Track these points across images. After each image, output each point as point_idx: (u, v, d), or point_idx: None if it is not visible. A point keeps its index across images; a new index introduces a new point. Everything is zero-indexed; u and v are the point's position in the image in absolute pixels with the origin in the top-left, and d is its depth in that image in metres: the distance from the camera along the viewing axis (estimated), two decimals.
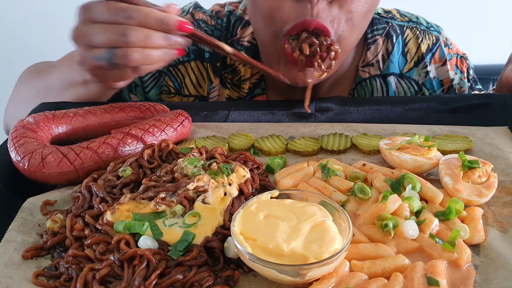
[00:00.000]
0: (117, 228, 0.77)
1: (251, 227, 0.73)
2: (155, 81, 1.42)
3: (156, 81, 1.42)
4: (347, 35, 1.13)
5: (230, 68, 1.40)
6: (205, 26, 1.40)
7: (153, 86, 1.42)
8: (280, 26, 1.10)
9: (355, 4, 1.08)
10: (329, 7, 1.07)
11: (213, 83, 1.41)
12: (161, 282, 0.70)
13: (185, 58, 1.39)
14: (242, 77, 1.39)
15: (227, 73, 1.41)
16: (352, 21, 1.10)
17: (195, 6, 1.46)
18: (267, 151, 1.03)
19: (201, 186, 0.82)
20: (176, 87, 1.42)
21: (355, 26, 1.12)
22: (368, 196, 0.84)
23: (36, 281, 0.73)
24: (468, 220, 0.79)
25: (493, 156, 0.97)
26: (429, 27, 1.42)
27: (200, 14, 1.42)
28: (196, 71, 1.41)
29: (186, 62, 1.40)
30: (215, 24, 1.41)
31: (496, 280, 0.70)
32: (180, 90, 1.42)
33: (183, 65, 1.40)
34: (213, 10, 1.45)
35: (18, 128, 1.00)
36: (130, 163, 0.91)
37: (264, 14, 1.12)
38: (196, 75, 1.41)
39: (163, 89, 1.43)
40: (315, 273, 0.68)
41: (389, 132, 1.07)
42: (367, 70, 1.38)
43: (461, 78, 1.41)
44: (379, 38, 1.38)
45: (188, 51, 1.39)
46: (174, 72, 1.41)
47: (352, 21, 1.10)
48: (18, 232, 0.82)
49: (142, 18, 0.95)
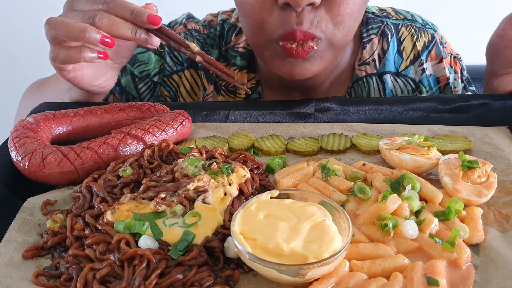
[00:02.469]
0: (117, 228, 0.77)
1: (251, 227, 0.73)
2: (151, 92, 1.45)
3: (152, 92, 1.45)
4: (338, 36, 1.13)
5: None
6: (198, 35, 1.42)
7: (149, 97, 1.45)
8: (270, 34, 1.12)
9: (343, 7, 1.08)
10: (315, 11, 1.07)
11: (207, 90, 1.42)
12: (161, 282, 0.70)
13: (178, 68, 1.41)
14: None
15: (221, 80, 1.41)
16: (343, 24, 1.11)
17: (188, 17, 1.49)
18: (267, 151, 1.03)
19: (201, 186, 0.82)
20: (171, 96, 1.45)
21: (346, 28, 1.13)
22: (368, 196, 0.84)
23: (36, 281, 0.73)
24: (467, 220, 0.80)
25: (492, 156, 0.97)
26: (424, 24, 1.42)
27: (192, 24, 1.44)
28: (190, 79, 1.43)
29: (180, 71, 1.42)
30: (207, 33, 1.42)
31: (495, 280, 0.70)
32: (175, 99, 1.45)
33: (177, 74, 1.43)
34: (206, 20, 1.47)
35: (18, 128, 1.00)
36: (130, 163, 0.92)
37: (253, 26, 1.14)
38: (191, 83, 1.43)
39: (159, 99, 1.45)
40: (315, 273, 0.68)
41: (388, 132, 1.07)
42: (364, 68, 1.38)
43: (455, 78, 1.41)
44: (374, 37, 1.38)
45: (182, 60, 1.41)
46: (169, 82, 1.43)
47: (342, 24, 1.11)
48: (18, 232, 0.82)
49: (116, 6, 1.00)
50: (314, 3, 1.05)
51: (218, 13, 1.48)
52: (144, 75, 1.43)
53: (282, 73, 1.18)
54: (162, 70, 1.42)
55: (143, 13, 1.00)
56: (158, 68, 1.42)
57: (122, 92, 1.44)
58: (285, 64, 1.15)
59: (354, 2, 1.09)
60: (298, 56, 1.12)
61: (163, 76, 1.42)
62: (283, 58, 1.15)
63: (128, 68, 1.42)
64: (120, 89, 1.44)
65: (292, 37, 1.08)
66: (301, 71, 1.16)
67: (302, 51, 1.11)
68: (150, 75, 1.43)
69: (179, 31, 1.43)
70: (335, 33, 1.11)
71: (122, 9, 1.00)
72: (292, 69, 1.16)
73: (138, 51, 1.41)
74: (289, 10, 1.06)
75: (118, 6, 1.00)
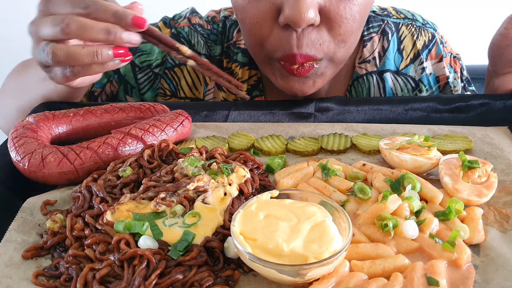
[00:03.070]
0: (117, 228, 0.77)
1: (251, 227, 0.73)
2: (151, 83, 1.43)
3: (152, 84, 1.43)
4: (339, 54, 1.14)
5: (227, 71, 1.40)
6: (202, 29, 1.41)
7: (148, 88, 1.43)
8: (270, 53, 1.12)
9: (344, 27, 1.08)
10: (317, 32, 1.07)
11: (209, 86, 1.41)
12: (161, 282, 0.70)
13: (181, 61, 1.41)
14: (239, 80, 1.39)
15: None
16: (343, 42, 1.11)
17: (192, 11, 1.48)
18: (267, 151, 1.03)
19: (201, 186, 0.82)
20: (171, 89, 1.43)
21: (347, 45, 1.13)
22: (368, 196, 0.84)
23: (36, 281, 0.73)
24: (468, 220, 0.79)
25: (493, 156, 0.97)
26: (424, 24, 1.43)
27: (196, 19, 1.43)
28: (192, 74, 1.42)
29: (182, 64, 1.41)
30: (211, 28, 1.42)
31: (496, 280, 0.70)
32: (176, 92, 1.43)
33: (179, 67, 1.41)
34: (209, 15, 1.46)
35: (18, 128, 1.00)
36: (130, 163, 0.91)
37: (253, 42, 1.15)
38: (192, 78, 1.42)
39: (159, 91, 1.44)
40: (315, 273, 0.68)
41: (389, 132, 1.07)
42: (364, 66, 1.39)
43: (454, 77, 1.42)
44: (374, 36, 1.38)
45: None
46: (170, 74, 1.42)
47: (343, 42, 1.11)
48: (18, 232, 0.82)
49: (98, 10, 0.90)
50: (314, 24, 1.04)
51: (221, 9, 1.48)
52: (145, 66, 1.41)
53: (284, 89, 1.20)
54: (164, 62, 1.41)
55: (126, 15, 0.90)
56: (160, 59, 1.41)
57: (120, 81, 1.42)
58: (287, 82, 1.17)
59: (354, 19, 1.08)
60: (299, 75, 1.13)
61: (165, 68, 1.41)
62: (285, 76, 1.16)
63: None
64: (119, 77, 1.42)
65: (293, 61, 1.09)
66: (302, 89, 1.17)
67: (302, 70, 1.12)
68: (151, 66, 1.41)
69: (183, 25, 1.42)
70: (337, 52, 1.12)
71: (103, 12, 0.90)
72: (293, 86, 1.17)
73: None
74: (289, 30, 1.06)
75: (99, 9, 0.90)
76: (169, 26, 1.42)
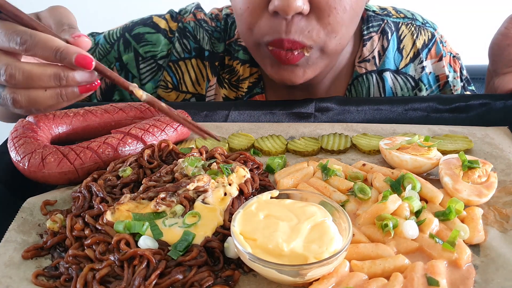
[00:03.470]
0: (117, 228, 0.77)
1: (251, 227, 0.73)
2: (153, 74, 1.41)
3: (153, 75, 1.41)
4: (331, 45, 1.13)
5: (228, 69, 1.40)
6: (207, 26, 1.41)
7: (150, 79, 1.41)
8: (259, 38, 1.13)
9: (332, 16, 1.08)
10: (306, 20, 1.08)
11: (210, 82, 1.41)
12: (161, 282, 0.70)
13: (186, 55, 1.40)
14: (240, 77, 1.39)
15: (225, 73, 1.41)
16: (334, 32, 1.11)
17: (197, 6, 1.48)
18: (267, 151, 1.03)
19: (201, 186, 0.82)
20: (174, 82, 1.42)
21: (338, 36, 1.13)
22: (368, 196, 0.84)
23: (36, 281, 0.73)
24: (468, 220, 0.79)
25: (493, 156, 0.97)
26: (424, 23, 1.43)
27: (201, 15, 1.44)
28: (196, 69, 1.42)
29: (187, 59, 1.40)
30: (215, 26, 1.42)
31: (496, 280, 0.70)
32: (178, 86, 1.42)
33: (183, 61, 1.41)
34: (212, 13, 1.47)
35: (18, 128, 1.00)
36: (130, 163, 0.91)
37: (243, 28, 1.15)
38: (196, 73, 1.42)
39: (160, 83, 1.42)
40: (315, 273, 0.68)
41: (389, 132, 1.07)
42: (364, 65, 1.39)
43: (454, 77, 1.42)
44: (374, 35, 1.39)
45: (190, 48, 1.40)
46: (174, 67, 1.41)
47: (333, 32, 1.11)
48: (18, 232, 0.82)
49: (36, 46, 0.77)
50: (303, 12, 1.05)
51: (223, 7, 1.49)
52: (149, 56, 1.40)
53: (274, 77, 1.20)
54: (169, 55, 1.41)
55: (70, 54, 0.77)
56: (165, 51, 1.40)
57: (122, 69, 1.41)
58: (276, 70, 1.17)
59: (344, 10, 1.09)
60: (288, 62, 1.13)
61: (169, 61, 1.41)
62: (275, 64, 1.17)
63: (133, 46, 1.39)
64: (120, 65, 1.41)
65: (280, 45, 1.10)
66: (291, 77, 1.17)
67: (292, 57, 1.12)
68: (156, 57, 1.40)
69: (189, 20, 1.41)
70: (327, 42, 1.12)
71: (42, 49, 0.77)
72: (283, 75, 1.17)
73: (147, 30, 1.40)
74: (279, 18, 1.07)
75: (38, 45, 0.77)
76: (175, 20, 1.42)
